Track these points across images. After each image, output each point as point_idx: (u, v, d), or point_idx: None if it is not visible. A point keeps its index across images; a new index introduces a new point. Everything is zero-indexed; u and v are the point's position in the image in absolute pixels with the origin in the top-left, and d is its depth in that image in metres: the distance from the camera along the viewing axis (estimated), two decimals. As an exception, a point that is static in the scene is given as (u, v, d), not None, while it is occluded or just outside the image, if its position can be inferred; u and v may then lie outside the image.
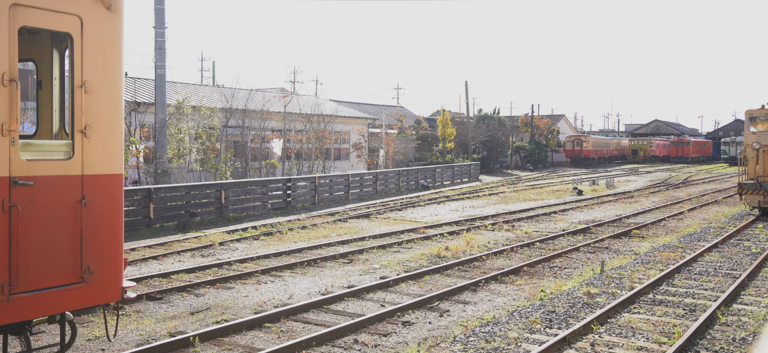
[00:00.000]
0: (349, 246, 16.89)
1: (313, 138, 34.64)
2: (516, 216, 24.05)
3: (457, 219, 23.26)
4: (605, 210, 27.19)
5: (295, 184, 26.48)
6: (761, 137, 25.21)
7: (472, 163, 48.70)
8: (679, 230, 20.92)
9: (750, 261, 14.96)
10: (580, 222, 22.87)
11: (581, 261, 15.17)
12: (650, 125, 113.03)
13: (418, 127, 55.37)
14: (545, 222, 22.93)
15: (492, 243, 17.68)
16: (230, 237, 18.16)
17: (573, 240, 18.33)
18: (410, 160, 49.13)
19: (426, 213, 25.15)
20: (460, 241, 17.75)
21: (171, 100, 25.69)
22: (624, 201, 31.17)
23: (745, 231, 20.25)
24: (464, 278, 13.04)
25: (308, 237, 18.48)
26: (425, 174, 39.59)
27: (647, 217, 24.32)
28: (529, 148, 68.25)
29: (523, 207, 27.48)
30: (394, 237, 18.52)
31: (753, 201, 24.00)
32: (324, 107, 41.40)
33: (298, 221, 22.04)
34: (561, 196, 33.98)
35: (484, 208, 27.61)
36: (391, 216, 24.01)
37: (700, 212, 26.35)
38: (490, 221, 22.59)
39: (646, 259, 15.08)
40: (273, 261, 14.56)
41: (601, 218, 23.93)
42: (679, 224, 22.44)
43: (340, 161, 42.31)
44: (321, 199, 28.23)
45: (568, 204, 29.16)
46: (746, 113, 25.74)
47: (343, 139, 43.20)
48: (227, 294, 11.46)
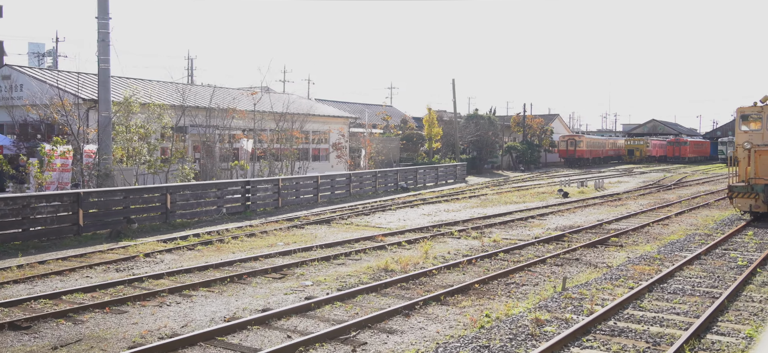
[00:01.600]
0: (291, 257, 15.19)
1: (283, 137, 32.90)
2: (490, 222, 22.38)
3: (426, 224, 21.60)
4: (588, 214, 25.50)
5: (255, 187, 24.77)
6: (753, 136, 23.52)
7: (458, 164, 47.00)
8: (661, 237, 19.22)
9: (734, 275, 13.26)
10: (556, 228, 21.18)
11: (544, 276, 13.47)
12: (647, 125, 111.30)
13: (405, 127, 53.67)
14: (520, 228, 21.24)
15: (451, 254, 15.99)
16: (164, 246, 16.46)
17: (542, 250, 16.64)
18: (394, 161, 47.43)
19: (394, 219, 23.46)
20: (417, 252, 16.06)
21: (119, 97, 24.02)
22: (610, 204, 29.49)
23: (733, 238, 18.55)
24: (402, 298, 11.35)
25: (250, 247, 16.78)
26: (405, 175, 37.89)
27: (630, 223, 22.63)
28: (520, 148, 66.53)
29: (501, 212, 25.82)
30: (346, 247, 16.83)
31: (744, 205, 22.31)
32: (299, 105, 39.73)
33: (250, 227, 20.34)
34: (545, 199, 32.31)
35: (459, 212, 25.94)
36: (355, 222, 22.31)
37: (689, 216, 24.65)
38: (460, 227, 20.92)
39: (617, 274, 13.37)
40: (193, 277, 12.86)
41: (581, 224, 22.25)
42: (664, 231, 20.74)
43: (319, 162, 40.65)
44: (285, 203, 26.53)
45: (550, 208, 27.48)
46: (737, 111, 24.05)
47: (322, 139, 41.52)
48: (113, 321, 9.76)
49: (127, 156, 23.25)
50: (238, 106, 31.34)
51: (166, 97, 29.64)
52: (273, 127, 34.14)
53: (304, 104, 41.48)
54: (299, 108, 38.11)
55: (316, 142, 40.91)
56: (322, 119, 40.19)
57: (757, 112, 23.59)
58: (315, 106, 42.27)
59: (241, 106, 32.28)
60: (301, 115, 35.69)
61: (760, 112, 23.42)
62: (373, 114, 55.77)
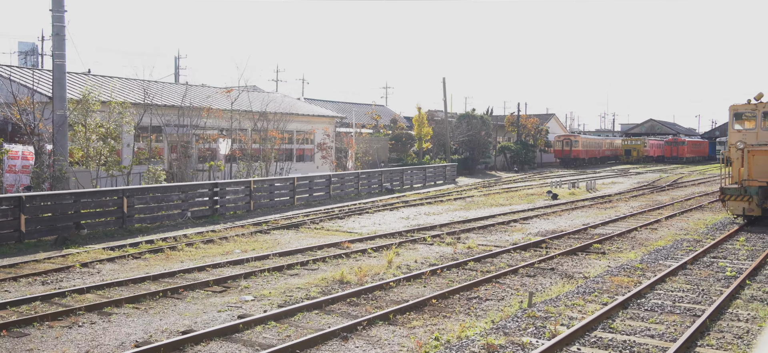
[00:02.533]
0: (241, 267, 14.01)
1: (260, 138, 31.71)
2: (469, 226, 21.21)
3: (401, 229, 20.42)
4: (574, 217, 24.31)
5: (224, 190, 23.59)
6: (747, 136, 22.35)
7: (447, 165, 45.83)
8: (648, 243, 18.03)
9: (720, 288, 12.08)
10: (538, 233, 20.00)
11: (512, 289, 12.28)
12: (645, 125, 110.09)
13: (394, 127, 52.49)
14: (499, 233, 20.06)
15: (418, 263, 14.81)
16: (108, 254, 15.28)
17: (517, 258, 15.46)
18: (382, 162, 46.24)
19: (369, 223, 22.28)
20: (381, 260, 14.89)
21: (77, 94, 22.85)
22: (599, 207, 28.31)
23: (723, 245, 17.36)
24: (348, 317, 10.17)
25: (203, 255, 15.60)
26: (391, 176, 36.70)
27: (617, 227, 21.46)
28: (514, 148, 65.35)
29: (484, 215, 24.66)
30: (307, 255, 15.65)
31: (737, 208, 21.13)
32: (281, 104, 38.53)
33: (212, 233, 19.15)
34: (533, 201, 31.14)
35: (440, 215, 24.76)
36: (327, 227, 21.13)
37: (680, 220, 23.47)
38: (436, 232, 19.75)
39: (593, 287, 12.19)
40: (124, 291, 11.68)
41: (565, 228, 21.07)
42: (651, 236, 19.56)
43: (303, 162, 39.48)
44: (259, 206, 25.35)
45: (537, 211, 26.32)
46: (730, 109, 22.86)
47: (307, 139, 40.34)
48: (5, 347, 8.58)
49: (86, 157, 22.06)
50: (213, 105, 30.15)
51: (131, 95, 28.39)
52: (254, 127, 32.97)
53: (287, 103, 40.29)
54: (281, 106, 36.93)
55: (300, 142, 39.74)
56: (305, 119, 39.00)
57: (751, 111, 22.41)
58: (298, 104, 41.08)
59: (217, 104, 31.10)
60: (281, 114, 34.49)
61: (754, 110, 22.25)
62: (363, 113, 54.58)
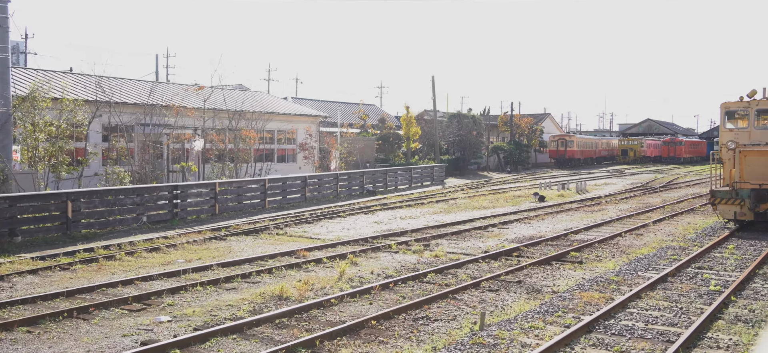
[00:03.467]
0: (176, 279, 12.70)
1: (237, 137, 30.41)
2: (443, 231, 19.91)
3: (370, 234, 19.13)
4: (558, 221, 23.00)
5: (186, 193, 22.26)
6: (740, 135, 21.03)
7: (435, 165, 44.47)
8: (631, 251, 16.71)
9: (701, 306, 10.77)
10: (515, 239, 18.69)
11: (469, 306, 10.96)
12: (642, 124, 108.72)
13: (382, 126, 51.16)
14: (473, 239, 18.75)
15: (374, 275, 13.49)
16: (34, 265, 13.96)
17: (484, 269, 14.14)
18: (368, 162, 44.91)
19: (337, 228, 20.96)
20: (334, 272, 13.58)
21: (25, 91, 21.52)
22: (586, 210, 27.00)
23: (711, 253, 16.05)
24: (268, 343, 8.86)
25: (140, 266, 14.27)
26: (374, 177, 35.37)
27: (601, 232, 20.15)
28: (507, 149, 64.01)
29: (463, 219, 23.35)
30: (255, 265, 14.34)
31: (728, 212, 19.81)
32: (260, 102, 37.20)
33: (164, 239, 17.82)
34: (519, 203, 29.84)
35: (416, 219, 23.46)
36: (290, 232, 19.82)
37: (669, 224, 22.16)
38: (406, 238, 18.44)
39: (558, 305, 10.86)
40: (26, 311, 10.37)
41: (544, 234, 19.76)
42: (635, 242, 18.23)
43: (285, 163, 38.16)
44: (225, 209, 24.04)
45: (520, 214, 25.02)
46: (722, 107, 21.54)
47: (289, 139, 39.03)
48: None
49: (34, 158, 20.73)
50: (182, 103, 28.82)
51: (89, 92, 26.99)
52: (228, 126, 31.66)
53: (266, 101, 39.00)
54: (258, 105, 35.61)
55: (282, 143, 38.42)
56: (285, 118, 37.66)
57: (743, 108, 21.09)
58: (279, 103, 39.75)
59: (187, 102, 29.77)
60: (258, 113, 33.17)
61: (747, 107, 20.93)
62: (350, 112, 53.26)
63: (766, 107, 20.84)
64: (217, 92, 31.27)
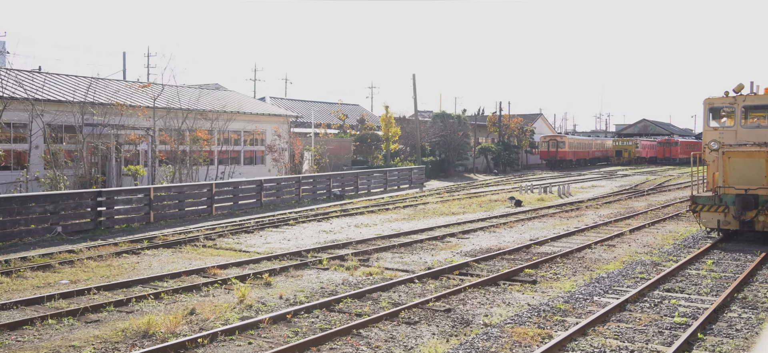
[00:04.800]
0: (32, 310, 10.58)
1: (189, 138, 28.30)
2: (394, 242, 17.87)
3: (310, 246, 17.07)
4: (526, 230, 20.91)
5: (114, 200, 20.15)
6: (725, 135, 18.92)
7: (414, 167, 42.36)
8: (596, 266, 14.61)
9: (658, 347, 8.64)
10: (469, 252, 16.58)
11: (370, 347, 8.84)
12: (638, 125, 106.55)
13: (361, 126, 49.03)
14: (423, 251, 16.65)
15: (282, 300, 11.40)
16: None
17: (415, 292, 12.03)
18: (344, 165, 42.80)
19: (277, 239, 18.86)
20: (233, 297, 11.46)
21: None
22: (562, 216, 24.90)
23: (686, 269, 13.93)
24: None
25: (7, 289, 12.13)
26: (343, 180, 33.25)
27: (570, 242, 18.06)
28: (495, 149, 61.86)
29: (424, 227, 21.28)
30: (148, 287, 12.25)
31: (711, 221, 17.69)
32: (221, 100, 35.06)
33: (69, 254, 15.69)
34: (493, 208, 27.76)
35: (371, 227, 21.38)
36: (220, 244, 17.71)
37: (647, 233, 20.06)
38: (347, 250, 16.37)
39: (478, 347, 8.74)
40: None
41: (506, 245, 17.65)
42: (605, 255, 16.12)
43: (254, 165, 36.07)
44: (164, 217, 21.93)
45: (489, 221, 22.94)
46: (705, 103, 19.43)
47: (258, 140, 36.94)
48: None
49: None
50: (130, 101, 26.70)
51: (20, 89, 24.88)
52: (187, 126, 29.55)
53: (231, 99, 36.88)
54: (220, 103, 33.50)
55: (249, 144, 36.32)
56: (251, 117, 35.51)
57: (729, 105, 18.98)
58: (245, 102, 37.58)
59: (138, 100, 27.65)
60: (217, 112, 31.07)
61: (733, 104, 18.82)
62: (329, 112, 51.13)
63: (753, 103, 18.74)
64: (170, 90, 29.15)
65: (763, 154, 16.68)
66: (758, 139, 18.19)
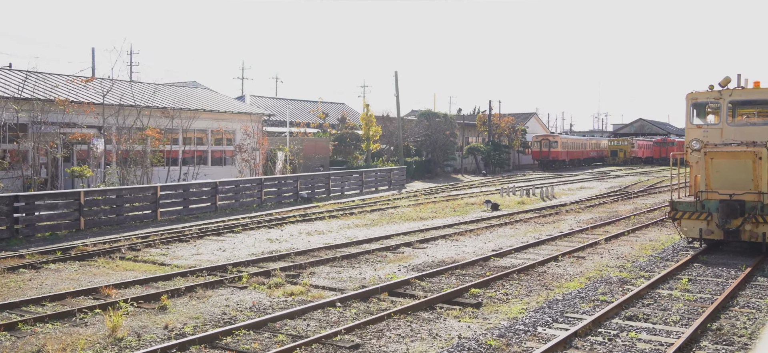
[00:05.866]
0: None
1: (137, 137, 26.42)
2: (342, 253, 16.08)
3: (245, 258, 15.27)
4: (493, 238, 19.03)
5: (33, 204, 18.26)
6: (709, 133, 17.04)
7: (394, 168, 40.48)
8: (556, 284, 12.71)
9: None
10: (418, 266, 14.70)
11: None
12: (634, 124, 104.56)
13: (342, 125, 47.12)
14: (367, 265, 14.78)
15: (167, 330, 9.52)
16: None
17: (330, 320, 10.14)
18: (321, 165, 40.90)
19: (211, 249, 16.98)
20: (102, 329, 9.58)
21: None
22: (538, 222, 23.02)
23: (658, 289, 12.03)
24: None
25: None
26: (313, 182, 31.35)
27: (537, 253, 16.19)
28: (484, 150, 59.91)
29: (385, 234, 19.49)
30: (14, 314, 10.36)
31: (692, 229, 15.78)
32: (181, 97, 33.13)
33: (-39, 268, 13.82)
34: (467, 213, 25.90)
35: (325, 235, 19.52)
36: (144, 255, 15.83)
37: (625, 241, 18.17)
38: (283, 264, 14.52)
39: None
40: None
41: (462, 257, 15.76)
42: (570, 269, 14.21)
43: (223, 166, 34.19)
44: (95, 223, 20.05)
45: (456, 228, 21.10)
46: (688, 98, 17.53)
47: (227, 140, 35.07)
48: None
49: None
50: (68, 95, 24.81)
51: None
52: (138, 125, 27.68)
53: (194, 96, 34.97)
54: (181, 99, 31.60)
55: (216, 143, 34.45)
56: (217, 115, 33.60)
57: (714, 100, 17.08)
58: (210, 99, 35.65)
59: (80, 96, 25.76)
60: (177, 110, 29.20)
61: (718, 99, 16.92)
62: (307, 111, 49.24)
63: (741, 98, 16.84)
64: (122, 85, 27.26)
65: (749, 155, 14.77)
66: (746, 137, 16.29)
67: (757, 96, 16.76)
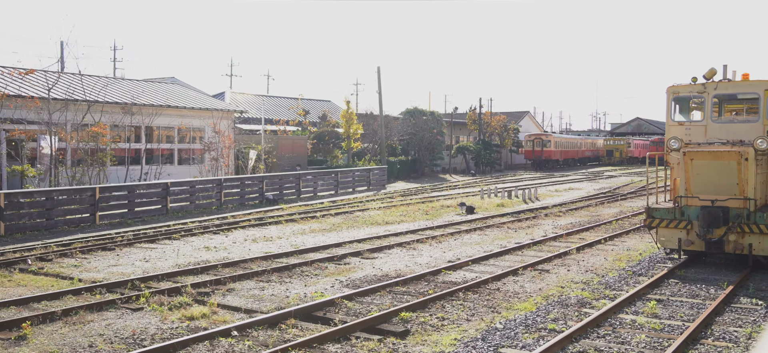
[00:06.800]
0: None
1: (87, 135, 24.65)
2: (278, 264, 14.38)
3: (166, 271, 13.51)
4: (456, 246, 17.27)
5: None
6: (693, 131, 15.24)
7: (374, 168, 38.71)
8: (506, 306, 10.92)
9: None
10: (357, 280, 12.94)
11: None
12: (631, 123, 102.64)
13: (323, 123, 45.32)
14: (300, 279, 13.03)
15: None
16: None
17: (213, 354, 8.37)
18: (298, 165, 39.12)
19: (133, 260, 15.21)
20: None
21: None
22: (512, 227, 21.24)
23: (619, 314, 10.22)
24: None
25: None
26: (281, 183, 29.58)
27: (496, 265, 14.41)
28: (474, 149, 58.08)
29: (339, 241, 17.81)
30: None
31: (670, 239, 13.98)
32: (135, 91, 31.33)
33: None
34: (439, 216, 24.16)
35: (273, 242, 17.80)
36: (53, 267, 14.07)
37: (599, 251, 16.38)
38: (202, 278, 12.78)
39: None
40: None
41: (409, 270, 13.99)
42: (528, 286, 12.42)
43: (192, 165, 32.40)
44: (20, 228, 18.31)
45: (418, 234, 19.39)
46: (669, 91, 15.71)
47: (196, 138, 33.30)
48: None
49: None
50: (2, 91, 23.04)
51: None
52: (91, 120, 25.90)
53: (161, 91, 33.18)
54: (139, 95, 29.81)
55: (181, 141, 32.66)
56: (183, 112, 31.81)
57: (697, 94, 15.24)
58: (174, 94, 33.82)
59: (23, 89, 23.99)
60: (136, 106, 27.43)
61: (702, 93, 15.09)
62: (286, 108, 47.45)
63: (727, 92, 15.03)
64: (71, 78, 25.48)
65: (734, 155, 12.94)
66: (732, 136, 14.49)
67: (746, 89, 14.94)
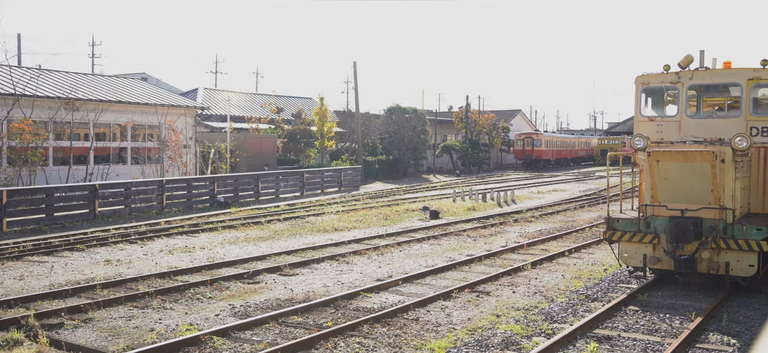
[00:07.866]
0: None
1: (13, 131, 22.45)
2: (171, 284, 12.08)
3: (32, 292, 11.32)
4: (394, 259, 15.09)
5: None
6: (665, 128, 13.05)
7: (347, 168, 36.53)
8: (415, 346, 8.72)
9: None
10: (249, 307, 10.76)
11: None
12: (628, 122, 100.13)
13: (297, 121, 43.11)
14: (192, 302, 10.81)
15: None
16: None
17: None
18: (266, 164, 36.91)
19: (6, 277, 13.01)
20: None
21: None
22: (473, 235, 19.09)
23: (552, 360, 8.01)
24: None
25: None
26: (235, 184, 27.39)
27: (432, 284, 12.24)
28: (460, 148, 55.84)
29: (268, 252, 15.74)
30: None
31: (634, 256, 11.74)
32: (76, 84, 29.08)
33: None
34: (400, 221, 22.08)
35: (188, 254, 15.62)
36: None
37: (559, 266, 14.19)
38: (67, 304, 10.60)
39: None
40: None
41: (325, 292, 11.82)
42: (455, 315, 10.23)
43: (148, 165, 30.13)
44: None
45: (365, 243, 17.28)
46: (638, 81, 13.48)
47: (151, 136, 31.07)
48: None
49: None
50: None
51: None
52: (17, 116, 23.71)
53: (111, 85, 30.93)
54: (78, 88, 27.56)
55: (133, 139, 30.42)
56: (131, 108, 29.55)
57: (671, 84, 13.01)
58: (124, 89, 31.55)
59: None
60: (80, 101, 25.20)
61: (676, 83, 12.87)
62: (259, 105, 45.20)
63: (704, 82, 12.81)
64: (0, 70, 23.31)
65: (707, 156, 10.69)
66: (710, 133, 12.30)
67: (725, 79, 12.73)
